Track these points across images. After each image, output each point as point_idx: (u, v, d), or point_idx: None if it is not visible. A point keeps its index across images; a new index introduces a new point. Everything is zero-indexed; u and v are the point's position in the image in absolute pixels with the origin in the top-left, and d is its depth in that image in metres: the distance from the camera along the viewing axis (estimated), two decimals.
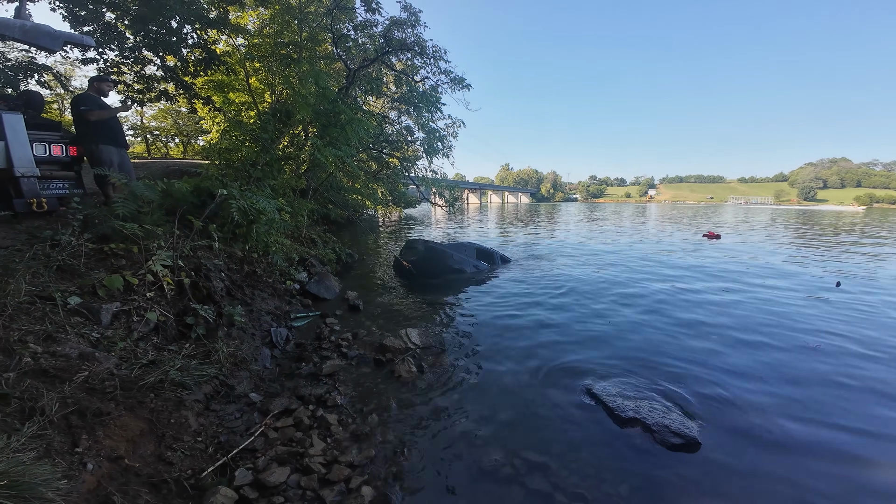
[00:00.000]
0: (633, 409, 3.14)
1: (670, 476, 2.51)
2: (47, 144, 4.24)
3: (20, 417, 1.89)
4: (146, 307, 3.16)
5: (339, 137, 7.54)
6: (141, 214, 3.87)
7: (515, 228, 21.08)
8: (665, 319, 5.48)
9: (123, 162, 4.64)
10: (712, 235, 16.33)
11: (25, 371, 2.17)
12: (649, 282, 7.80)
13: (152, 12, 7.76)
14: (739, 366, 4.04)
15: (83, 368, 2.35)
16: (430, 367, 3.89)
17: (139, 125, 18.39)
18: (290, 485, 2.26)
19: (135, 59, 8.84)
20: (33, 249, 3.14)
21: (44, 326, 2.53)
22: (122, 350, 2.72)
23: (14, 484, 1.44)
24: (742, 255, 11.42)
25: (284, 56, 10.06)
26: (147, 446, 2.20)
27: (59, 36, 3.91)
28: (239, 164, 6.85)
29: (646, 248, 12.94)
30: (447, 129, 12.46)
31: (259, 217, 4.84)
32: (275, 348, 4.11)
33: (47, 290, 2.76)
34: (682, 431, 2.86)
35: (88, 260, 3.24)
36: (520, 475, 2.49)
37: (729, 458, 2.68)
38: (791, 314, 5.73)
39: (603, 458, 2.66)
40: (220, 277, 4.20)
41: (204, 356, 3.16)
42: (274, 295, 5.18)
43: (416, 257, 7.95)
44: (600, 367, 3.96)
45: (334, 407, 3.08)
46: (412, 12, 9.95)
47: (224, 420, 2.74)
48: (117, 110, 4.63)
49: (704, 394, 3.48)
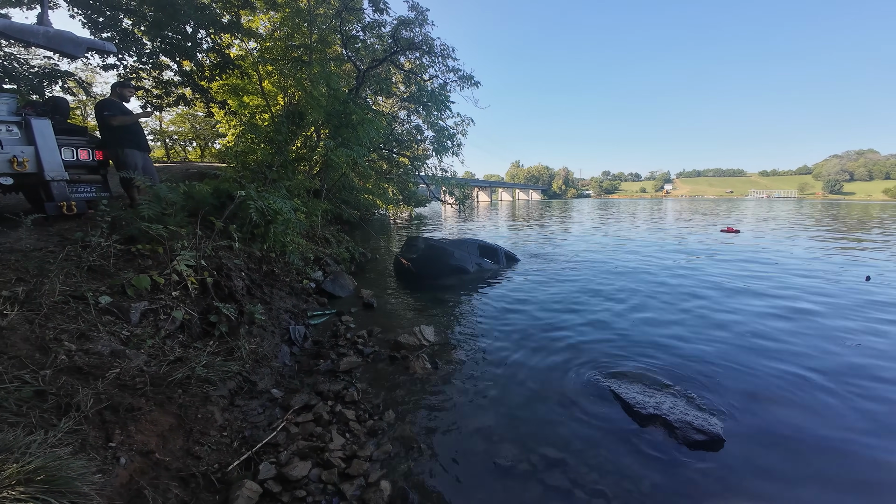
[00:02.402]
0: (653, 406, 3.09)
1: (693, 473, 2.47)
2: (74, 149, 4.38)
3: (56, 413, 1.98)
4: (172, 306, 3.27)
5: (351, 138, 7.63)
6: (165, 216, 3.99)
7: (525, 226, 20.92)
8: (686, 318, 5.36)
9: (147, 165, 4.79)
10: (730, 230, 15.90)
11: (61, 368, 2.27)
12: (668, 278, 7.64)
13: (167, 18, 7.97)
14: (763, 363, 3.93)
15: (115, 365, 2.44)
16: (443, 364, 3.92)
17: (158, 130, 18.93)
18: (311, 479, 2.31)
19: (153, 64, 9.11)
20: (65, 251, 3.28)
21: (77, 325, 2.65)
22: (151, 347, 2.83)
23: (51, 479, 1.46)
24: (765, 250, 11.08)
25: (296, 59, 10.21)
26: (176, 441, 2.29)
27: (82, 42, 4.02)
28: (255, 166, 7.00)
29: (663, 243, 12.68)
30: (456, 127, 12.47)
31: (276, 217, 4.94)
32: (293, 345, 4.20)
33: (79, 290, 2.88)
34: (706, 428, 2.80)
35: (117, 260, 3.37)
36: (537, 471, 2.48)
37: (755, 455, 2.62)
38: (822, 312, 5.54)
39: (622, 455, 2.64)
40: (240, 277, 4.31)
41: (227, 353, 3.25)
42: (291, 293, 5.28)
43: (416, 255, 7.62)
44: (617, 365, 3.91)
45: (352, 403, 3.13)
46: (419, 11, 9.97)
47: (247, 415, 2.82)
48: (139, 116, 4.77)
49: (729, 391, 3.41)
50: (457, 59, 10.92)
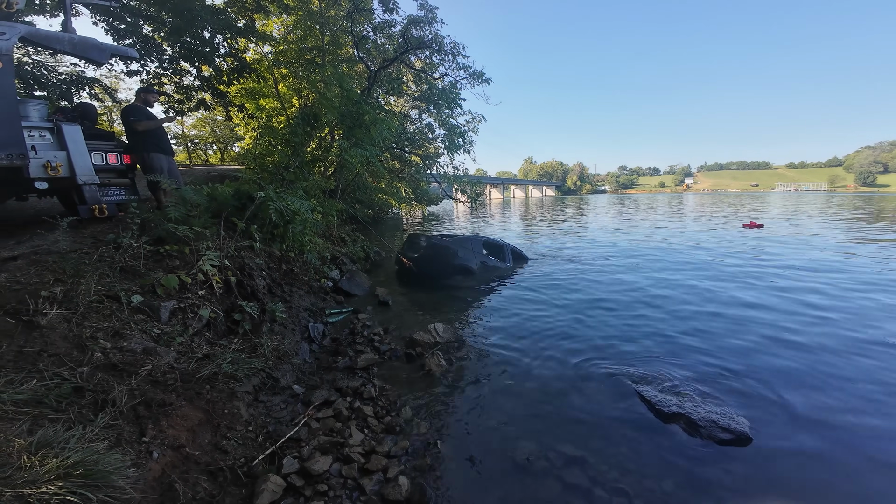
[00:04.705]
0: (675, 404, 3.03)
1: (718, 472, 2.41)
2: (104, 153, 4.54)
3: (93, 409, 2.07)
4: (199, 304, 3.39)
5: (364, 138, 7.70)
6: (190, 217, 4.13)
7: (536, 223, 20.68)
8: (709, 318, 5.21)
9: (172, 168, 4.96)
10: (753, 225, 15.34)
11: (97, 365, 2.38)
12: (686, 276, 7.44)
13: (186, 23, 8.20)
14: (792, 362, 3.79)
15: (147, 362, 2.56)
16: (458, 361, 3.93)
17: (181, 134, 19.58)
18: (332, 473, 2.37)
19: (174, 69, 9.41)
20: (99, 252, 3.44)
21: (111, 323, 2.78)
22: (180, 345, 2.94)
23: (89, 473, 1.52)
24: (791, 246, 10.64)
25: (309, 61, 10.36)
26: (205, 435, 2.38)
27: (106, 48, 4.17)
28: (272, 168, 7.15)
29: (683, 240, 12.33)
30: (467, 124, 12.42)
31: (294, 218, 5.05)
32: (313, 343, 4.29)
33: (113, 290, 3.01)
34: (731, 426, 2.73)
35: (147, 261, 3.52)
36: (555, 468, 2.47)
37: (783, 454, 2.54)
38: (853, 308, 5.30)
39: (644, 454, 2.60)
40: (261, 276, 4.42)
41: (251, 350, 3.35)
42: (310, 292, 5.40)
43: (417, 254, 7.33)
44: (638, 363, 3.84)
45: (370, 399, 3.18)
46: (429, 10, 9.95)
47: (271, 410, 2.90)
48: (163, 121, 4.94)
49: (755, 389, 3.31)
50: (467, 57, 10.86)
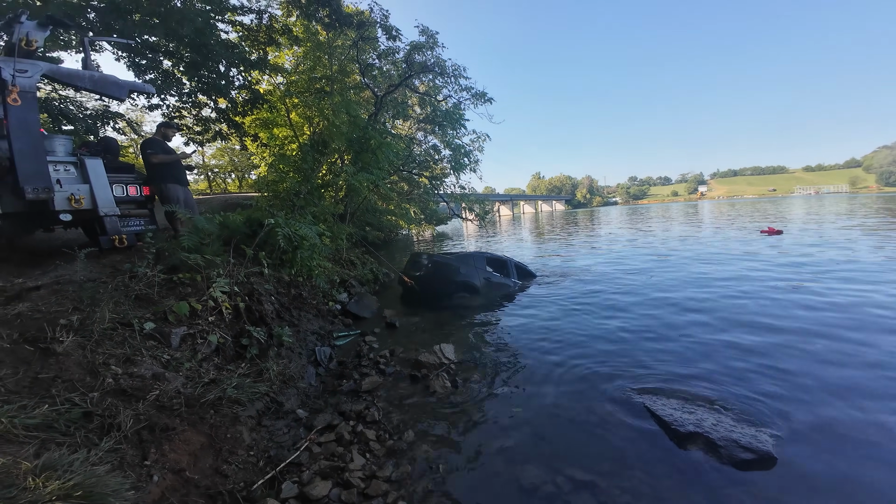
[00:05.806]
0: (693, 423, 2.88)
1: (741, 494, 2.27)
2: (124, 185, 4.78)
3: (99, 433, 2.13)
4: (208, 330, 3.48)
5: (371, 162, 7.94)
6: (203, 246, 4.29)
7: (546, 238, 20.53)
8: (727, 334, 5.00)
9: (188, 198, 5.22)
10: (772, 231, 14.85)
11: (107, 391, 2.46)
12: (702, 290, 7.20)
13: (202, 58, 8.75)
14: (818, 375, 3.58)
15: (155, 387, 2.62)
16: (464, 382, 3.86)
17: (201, 164, 20.59)
18: (331, 498, 2.33)
19: (192, 103, 10.01)
20: (115, 281, 3.60)
21: (124, 350, 2.87)
22: (188, 370, 3.01)
23: (88, 495, 1.56)
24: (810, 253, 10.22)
25: (318, 90, 10.88)
26: (206, 459, 2.39)
27: (125, 85, 4.47)
28: (284, 195, 7.42)
29: (696, 251, 12.01)
30: (472, 143, 12.70)
31: (302, 243, 5.18)
32: (319, 366, 4.31)
33: (127, 317, 3.13)
34: (754, 446, 2.57)
35: (161, 289, 3.65)
36: (564, 493, 2.37)
37: (813, 474, 2.38)
38: (871, 310, 5.01)
39: (660, 477, 2.47)
40: (270, 301, 4.52)
41: (256, 374, 3.39)
42: (318, 315, 5.46)
43: (420, 273, 7.32)
44: (650, 380, 3.69)
45: (373, 423, 3.15)
46: (430, 35, 10.42)
47: (274, 435, 2.91)
48: (180, 156, 5.24)
49: (778, 406, 3.12)
50: (468, 78, 11.24)
